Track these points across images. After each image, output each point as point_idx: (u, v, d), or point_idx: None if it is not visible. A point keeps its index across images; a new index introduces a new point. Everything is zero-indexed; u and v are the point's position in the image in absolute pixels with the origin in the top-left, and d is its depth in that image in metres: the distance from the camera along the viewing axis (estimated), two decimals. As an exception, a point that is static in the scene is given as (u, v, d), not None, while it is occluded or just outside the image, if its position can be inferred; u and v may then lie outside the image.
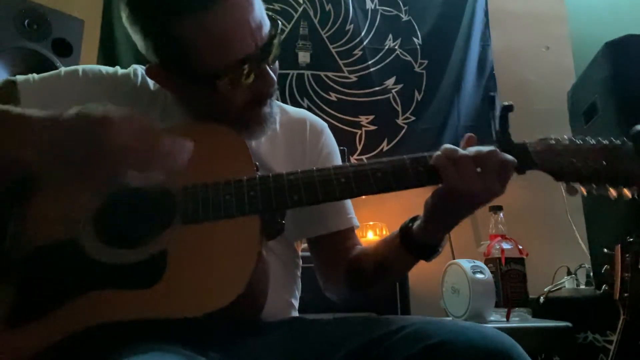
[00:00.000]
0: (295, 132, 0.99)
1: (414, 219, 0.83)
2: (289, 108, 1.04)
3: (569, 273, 1.94)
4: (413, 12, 2.59)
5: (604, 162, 0.75)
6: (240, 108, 0.81)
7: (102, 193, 0.75)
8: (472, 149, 0.73)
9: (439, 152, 0.73)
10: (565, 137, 0.78)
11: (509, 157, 0.72)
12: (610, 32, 1.66)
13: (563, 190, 0.79)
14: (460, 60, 2.53)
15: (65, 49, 1.75)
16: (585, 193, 0.77)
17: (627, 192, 0.76)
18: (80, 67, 0.88)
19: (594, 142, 0.77)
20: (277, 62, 0.84)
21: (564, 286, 1.89)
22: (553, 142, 0.78)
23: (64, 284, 0.68)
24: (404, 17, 2.59)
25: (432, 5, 2.61)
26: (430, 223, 0.79)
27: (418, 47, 2.55)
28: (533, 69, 2.60)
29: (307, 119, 1.02)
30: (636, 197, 0.76)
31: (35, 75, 0.87)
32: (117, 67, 0.91)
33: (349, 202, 0.99)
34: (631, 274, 1.07)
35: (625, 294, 1.08)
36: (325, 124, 1.04)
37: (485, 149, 0.72)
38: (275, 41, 0.80)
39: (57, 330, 0.64)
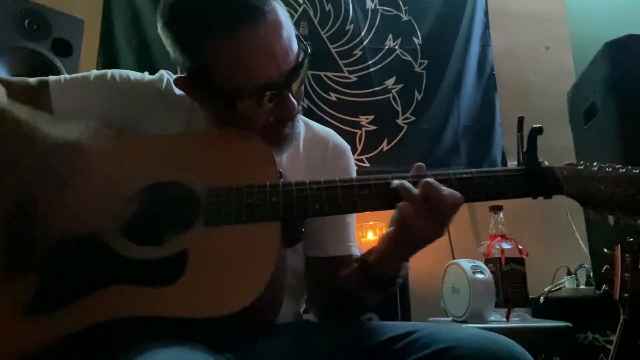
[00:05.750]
0: (317, 150, 1.00)
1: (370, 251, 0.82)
2: (315, 125, 1.04)
3: (569, 273, 1.94)
4: (413, 12, 2.59)
5: (632, 191, 0.73)
6: (261, 128, 0.82)
7: (130, 188, 0.77)
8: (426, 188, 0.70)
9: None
10: (595, 164, 0.76)
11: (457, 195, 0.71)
12: (610, 32, 1.66)
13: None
14: (460, 60, 2.53)
15: (65, 49, 1.75)
16: (612, 223, 0.75)
17: None
18: (109, 72, 0.90)
19: (624, 171, 0.75)
20: (302, 87, 0.85)
21: (564, 286, 1.89)
22: (581, 167, 0.76)
23: (86, 276, 0.69)
24: (404, 17, 2.59)
25: (432, 5, 2.61)
26: (386, 254, 0.78)
27: (418, 47, 2.55)
28: (533, 69, 2.60)
29: (330, 139, 1.02)
30: None
31: (66, 75, 0.90)
32: (145, 73, 0.94)
33: (352, 230, 0.99)
34: (631, 274, 1.07)
35: (625, 294, 1.08)
36: (347, 146, 1.05)
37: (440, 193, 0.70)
38: (302, 69, 0.81)
39: (76, 321, 0.65)
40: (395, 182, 0.72)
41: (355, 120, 2.44)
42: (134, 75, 0.91)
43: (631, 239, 1.10)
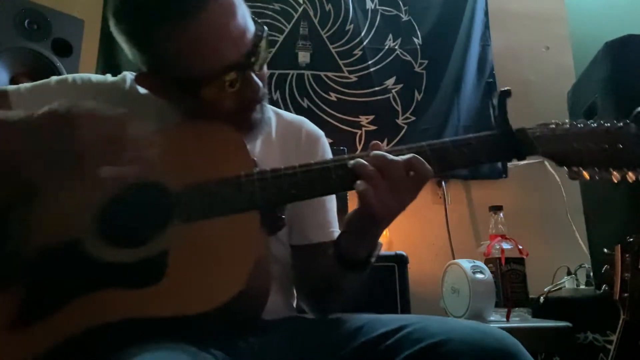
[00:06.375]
0: (291, 137, 0.99)
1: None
2: (286, 114, 1.04)
3: (569, 273, 1.94)
4: (413, 12, 2.59)
5: (606, 145, 0.74)
6: (228, 114, 0.81)
7: (104, 192, 0.75)
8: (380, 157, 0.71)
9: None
10: (567, 121, 0.77)
11: (427, 167, 0.71)
12: (610, 32, 1.66)
13: (562, 190, 0.79)
14: (460, 61, 2.53)
15: (65, 49, 1.75)
16: (587, 177, 0.75)
17: (631, 175, 0.74)
18: (70, 75, 0.90)
19: (596, 125, 0.75)
20: (264, 67, 0.84)
21: (564, 286, 1.89)
22: (553, 126, 0.76)
23: (68, 284, 0.68)
24: (404, 17, 2.59)
25: (432, 5, 2.60)
26: (347, 234, 0.79)
27: (418, 47, 2.55)
28: (533, 69, 2.60)
29: (303, 126, 1.02)
30: None
31: (26, 84, 0.88)
32: (108, 75, 0.93)
33: (334, 215, 0.98)
34: (631, 274, 1.07)
35: (625, 294, 1.07)
36: (322, 133, 1.04)
37: (391, 159, 0.70)
38: (260, 47, 0.79)
39: (62, 330, 0.64)
40: (351, 161, 0.72)
41: (355, 120, 2.44)
42: (96, 77, 0.91)
43: (631, 239, 1.10)
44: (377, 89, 2.48)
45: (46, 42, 1.70)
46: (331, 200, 1.00)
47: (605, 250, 1.16)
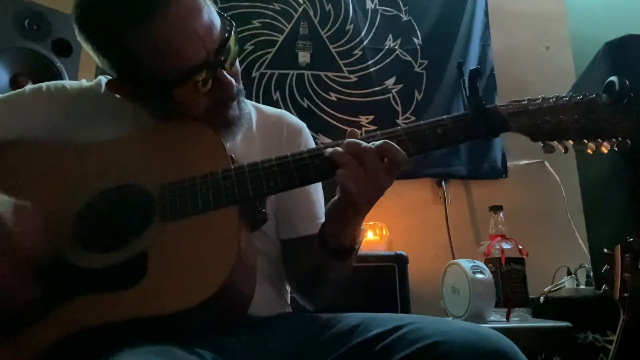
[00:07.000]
0: (272, 131, 0.99)
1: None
2: (266, 108, 1.04)
3: (569, 273, 1.94)
4: (413, 12, 2.59)
5: (579, 117, 0.74)
6: (204, 114, 0.80)
7: (81, 198, 0.74)
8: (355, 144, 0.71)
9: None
10: (539, 96, 0.77)
11: (400, 152, 0.71)
12: (610, 32, 1.66)
13: (562, 190, 0.79)
14: (460, 61, 2.53)
15: (65, 49, 1.74)
16: (562, 150, 0.75)
17: (606, 145, 0.74)
18: (44, 84, 0.90)
19: (567, 98, 0.75)
20: (237, 63, 0.83)
21: (564, 286, 1.90)
22: (526, 102, 0.76)
23: (49, 292, 0.68)
24: (404, 17, 2.59)
25: (432, 6, 2.60)
26: (330, 222, 0.79)
27: (418, 47, 2.55)
28: (533, 69, 2.60)
29: (284, 119, 1.02)
30: (615, 149, 0.75)
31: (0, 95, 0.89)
32: (83, 80, 0.93)
33: (321, 207, 0.98)
34: (631, 274, 1.07)
35: (625, 294, 1.08)
36: (303, 124, 1.04)
37: (363, 145, 0.71)
38: (229, 43, 0.78)
39: (45, 339, 0.64)
40: (328, 150, 0.72)
41: (355, 120, 2.43)
42: (70, 84, 0.91)
43: (631, 239, 1.10)
44: (377, 89, 2.48)
45: (46, 42, 1.70)
46: (317, 192, 1.00)
47: (605, 250, 1.16)
